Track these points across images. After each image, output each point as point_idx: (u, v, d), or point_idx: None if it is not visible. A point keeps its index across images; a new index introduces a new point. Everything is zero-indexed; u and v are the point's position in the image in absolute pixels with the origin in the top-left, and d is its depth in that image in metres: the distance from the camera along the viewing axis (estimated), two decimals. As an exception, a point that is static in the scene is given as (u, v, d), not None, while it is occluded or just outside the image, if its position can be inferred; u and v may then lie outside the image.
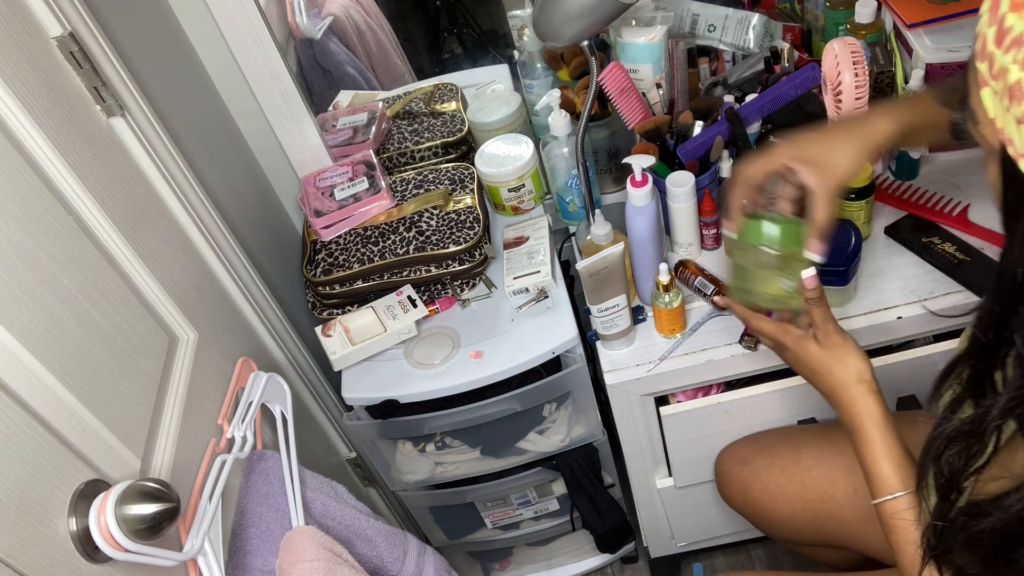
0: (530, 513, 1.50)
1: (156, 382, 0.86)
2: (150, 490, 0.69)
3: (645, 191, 1.05)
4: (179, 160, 1.02)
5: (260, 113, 1.30)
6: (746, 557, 1.63)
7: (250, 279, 1.16)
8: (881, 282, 1.12)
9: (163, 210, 1.00)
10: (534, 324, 1.22)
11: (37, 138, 0.77)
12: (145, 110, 0.97)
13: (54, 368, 0.69)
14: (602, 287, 1.07)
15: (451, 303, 1.28)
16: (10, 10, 0.79)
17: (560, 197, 1.32)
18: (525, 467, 1.36)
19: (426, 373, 1.20)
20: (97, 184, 0.85)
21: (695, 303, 1.18)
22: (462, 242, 1.23)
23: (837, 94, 1.07)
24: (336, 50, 1.48)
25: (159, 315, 0.92)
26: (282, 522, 0.96)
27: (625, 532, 1.49)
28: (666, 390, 1.16)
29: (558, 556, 1.65)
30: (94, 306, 0.78)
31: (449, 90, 1.52)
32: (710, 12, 1.29)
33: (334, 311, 1.28)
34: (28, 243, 0.71)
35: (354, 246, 1.28)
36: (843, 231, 1.08)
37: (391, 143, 1.45)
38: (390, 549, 1.09)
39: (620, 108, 1.21)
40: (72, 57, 0.87)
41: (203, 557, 0.81)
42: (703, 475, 1.26)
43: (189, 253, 1.04)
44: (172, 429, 0.85)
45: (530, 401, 1.23)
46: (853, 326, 1.09)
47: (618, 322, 1.11)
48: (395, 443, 1.34)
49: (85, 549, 0.66)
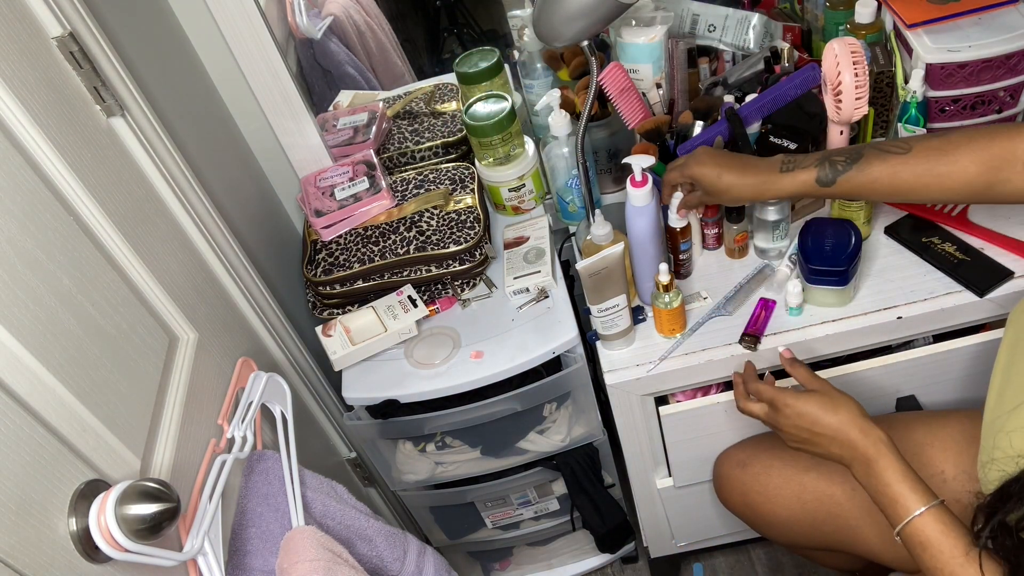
0: (530, 513, 1.50)
1: (156, 382, 0.86)
2: (150, 490, 0.69)
3: (645, 191, 1.05)
4: (179, 160, 1.02)
5: (260, 113, 1.30)
6: (746, 557, 1.63)
7: (250, 279, 1.16)
8: (881, 282, 1.12)
9: (163, 210, 1.00)
10: (534, 324, 1.22)
11: (37, 138, 0.77)
12: (145, 110, 0.97)
13: (54, 368, 0.69)
14: (602, 287, 1.07)
15: (451, 303, 1.28)
16: (10, 10, 0.79)
17: (560, 197, 1.32)
18: (525, 467, 1.36)
19: (426, 373, 1.20)
20: (97, 184, 0.85)
21: (695, 303, 1.18)
22: (462, 242, 1.23)
23: (837, 94, 1.07)
24: (336, 50, 1.48)
25: (159, 315, 0.92)
26: (282, 522, 0.96)
27: (625, 532, 1.49)
28: (666, 390, 1.16)
29: (558, 556, 1.65)
30: (94, 306, 0.78)
31: (449, 90, 1.52)
32: (710, 12, 1.29)
33: (334, 311, 1.28)
34: (28, 243, 0.71)
35: (354, 246, 1.28)
36: (843, 231, 1.08)
37: (391, 143, 1.45)
38: (390, 549, 1.09)
39: (620, 108, 1.21)
40: (72, 57, 0.87)
41: (203, 557, 0.81)
42: (703, 475, 1.26)
43: (189, 253, 1.04)
44: (172, 429, 0.85)
45: (530, 401, 1.23)
46: (853, 326, 1.09)
47: (618, 322, 1.11)
48: (395, 443, 1.34)
49: (85, 549, 0.66)
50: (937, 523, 0.78)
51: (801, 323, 1.11)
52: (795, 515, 1.10)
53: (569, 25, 1.00)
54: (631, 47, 1.24)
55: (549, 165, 1.27)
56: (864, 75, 1.04)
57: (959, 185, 0.91)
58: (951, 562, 0.76)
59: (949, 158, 0.91)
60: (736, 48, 1.29)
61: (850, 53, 1.04)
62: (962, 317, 1.09)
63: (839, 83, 1.05)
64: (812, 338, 1.09)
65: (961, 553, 0.75)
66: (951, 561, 0.76)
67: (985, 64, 1.11)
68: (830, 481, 1.07)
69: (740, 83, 1.26)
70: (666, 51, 1.23)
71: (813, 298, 1.12)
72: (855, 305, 1.11)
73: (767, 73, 1.24)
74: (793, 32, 1.33)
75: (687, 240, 1.16)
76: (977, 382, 1.15)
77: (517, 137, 1.30)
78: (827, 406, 0.89)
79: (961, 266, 1.09)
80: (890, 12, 1.21)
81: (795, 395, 0.92)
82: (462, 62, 1.37)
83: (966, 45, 1.11)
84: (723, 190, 1.03)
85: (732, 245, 1.20)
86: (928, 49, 1.13)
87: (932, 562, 0.78)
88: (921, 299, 1.09)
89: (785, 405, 0.92)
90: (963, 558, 0.75)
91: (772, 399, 0.94)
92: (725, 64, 1.33)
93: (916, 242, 1.14)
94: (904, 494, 0.81)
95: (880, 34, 1.23)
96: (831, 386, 0.92)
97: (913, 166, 0.92)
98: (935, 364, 1.12)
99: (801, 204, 1.22)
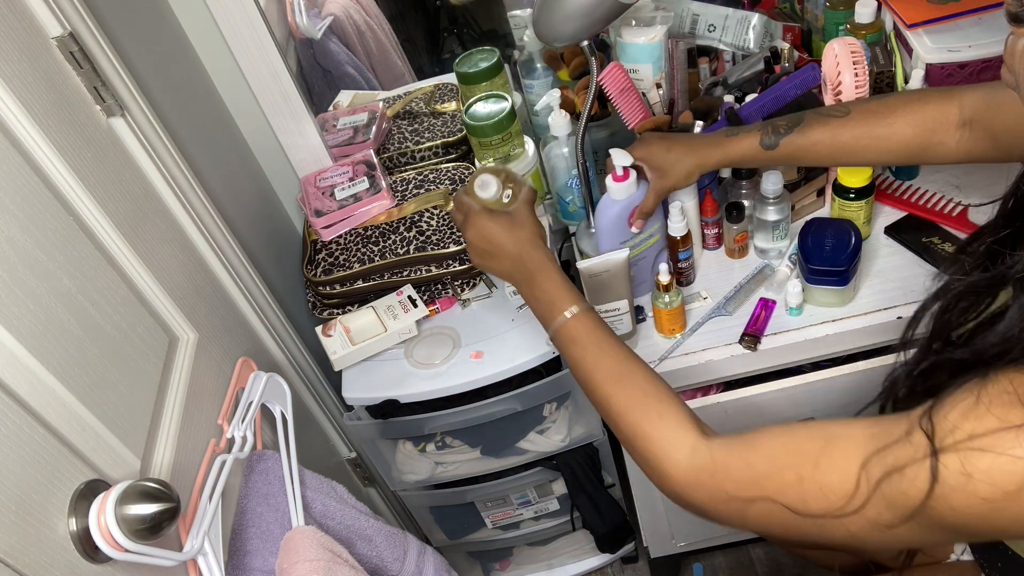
0: (530, 513, 1.50)
1: (156, 382, 0.86)
2: (150, 490, 0.69)
3: (623, 186, 1.07)
4: (179, 160, 1.02)
5: (260, 113, 1.30)
6: (746, 557, 1.63)
7: (250, 279, 1.16)
8: (881, 282, 1.12)
9: (163, 210, 1.00)
10: (534, 324, 1.21)
11: (37, 138, 0.77)
12: (145, 110, 0.97)
13: (54, 368, 0.69)
14: (602, 289, 1.07)
15: (451, 303, 1.28)
16: (10, 10, 0.79)
17: (560, 197, 1.32)
18: (525, 467, 1.36)
19: (426, 373, 1.20)
20: (97, 184, 0.85)
21: (695, 303, 1.18)
22: (462, 242, 1.23)
23: (837, 94, 1.07)
24: (336, 50, 1.48)
25: (159, 315, 0.92)
26: (282, 522, 0.96)
27: (625, 532, 1.49)
28: (666, 390, 1.16)
29: (558, 556, 1.65)
30: (94, 306, 0.78)
31: (449, 90, 1.52)
32: (710, 12, 1.29)
33: (334, 311, 1.28)
34: (28, 243, 0.71)
35: (354, 246, 1.28)
36: (843, 231, 1.08)
37: (391, 143, 1.45)
38: (390, 549, 1.09)
39: (620, 108, 1.21)
40: (72, 57, 0.87)
41: (203, 557, 0.81)
42: (703, 475, 1.26)
43: (189, 253, 1.04)
44: (172, 429, 0.85)
45: (530, 401, 1.23)
46: (853, 326, 1.09)
47: (618, 326, 1.11)
48: (395, 443, 1.34)
49: (85, 549, 0.66)
50: (588, 321, 0.81)
51: (801, 323, 1.11)
52: None
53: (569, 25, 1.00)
54: (631, 47, 1.24)
55: (549, 165, 1.27)
56: (864, 75, 1.04)
57: (896, 146, 0.94)
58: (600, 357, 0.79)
59: (886, 121, 0.93)
60: (736, 48, 1.29)
61: (850, 53, 1.04)
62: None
63: (839, 83, 1.05)
64: (812, 338, 1.09)
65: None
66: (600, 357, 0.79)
67: (985, 64, 1.11)
68: None
69: (740, 83, 1.26)
70: (666, 51, 1.23)
71: (813, 298, 1.12)
72: (855, 305, 1.11)
73: (767, 73, 1.24)
74: (793, 32, 1.33)
75: (687, 249, 1.16)
76: (977, 382, 1.15)
77: (517, 137, 1.30)
78: (507, 226, 0.89)
79: (961, 266, 1.09)
80: (890, 12, 1.21)
81: (487, 214, 0.91)
82: (462, 62, 1.37)
83: (966, 45, 1.11)
84: (671, 163, 1.04)
85: (732, 245, 1.20)
86: (928, 49, 1.13)
87: (580, 353, 0.80)
88: (921, 299, 1.08)
89: (476, 220, 0.91)
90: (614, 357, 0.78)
91: (467, 211, 0.93)
92: (725, 64, 1.33)
93: (916, 242, 1.14)
94: (562, 297, 0.83)
95: (880, 34, 1.23)
96: (530, 210, 0.91)
97: (851, 128, 0.95)
98: (935, 364, 1.12)
99: (801, 204, 1.22)
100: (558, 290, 0.84)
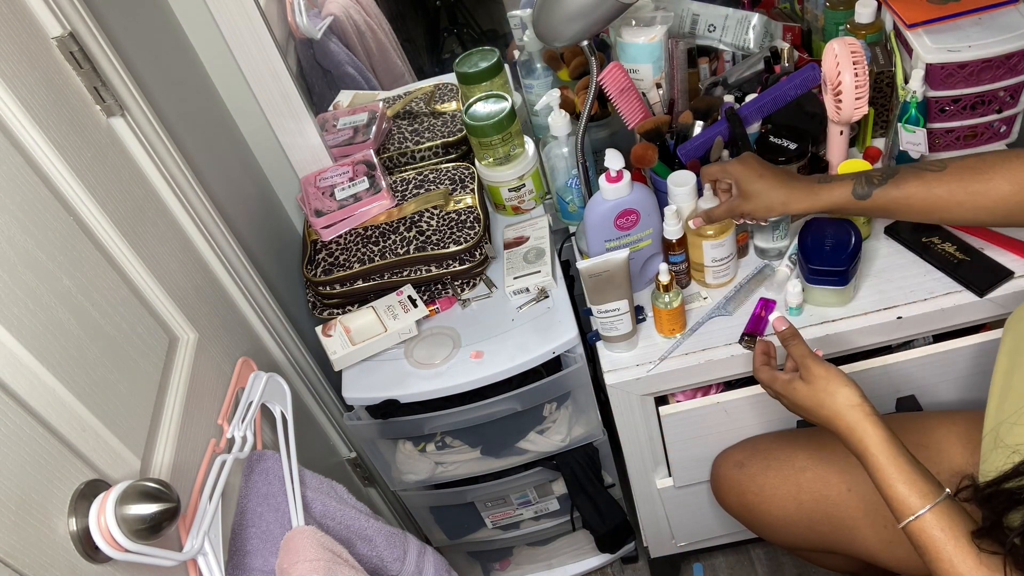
0: (530, 513, 1.50)
1: (156, 382, 0.86)
2: (150, 490, 0.69)
3: (616, 187, 1.07)
4: (179, 160, 1.02)
5: (260, 113, 1.30)
6: (746, 557, 1.63)
7: (250, 279, 1.16)
8: (881, 282, 1.12)
9: (163, 210, 1.00)
10: (534, 324, 1.22)
11: (37, 138, 0.77)
12: (145, 110, 0.97)
13: (54, 368, 0.69)
14: (603, 289, 1.07)
15: (451, 303, 1.28)
16: (10, 10, 0.79)
17: (560, 197, 1.32)
18: (525, 467, 1.36)
19: (426, 373, 1.20)
20: (97, 184, 0.85)
21: (695, 303, 1.18)
22: (462, 242, 1.23)
23: (837, 94, 1.07)
24: (336, 50, 1.48)
25: (159, 315, 0.92)
26: (282, 522, 0.96)
27: (625, 532, 1.49)
28: (666, 390, 1.16)
29: (558, 556, 1.65)
30: (94, 306, 0.78)
31: (449, 90, 1.52)
32: (710, 12, 1.29)
33: (334, 311, 1.28)
34: (28, 243, 0.71)
35: (354, 246, 1.28)
36: (843, 231, 1.08)
37: (391, 143, 1.45)
38: (390, 549, 1.09)
39: (620, 108, 1.21)
40: (72, 57, 0.87)
41: (203, 557, 0.81)
42: (703, 475, 1.26)
43: (189, 253, 1.04)
44: (172, 429, 0.85)
45: (530, 401, 1.23)
46: (853, 326, 1.09)
47: (618, 326, 1.11)
48: (395, 443, 1.34)
49: (85, 549, 0.66)
50: (936, 525, 0.78)
51: (801, 323, 1.11)
52: (791, 515, 1.10)
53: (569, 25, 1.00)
54: (631, 47, 1.24)
55: (549, 165, 1.27)
56: (864, 75, 1.04)
57: (992, 204, 0.92)
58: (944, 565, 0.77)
59: (983, 176, 0.91)
60: (736, 48, 1.29)
61: (850, 53, 1.04)
62: (962, 317, 1.09)
63: (839, 83, 1.05)
64: (812, 338, 1.09)
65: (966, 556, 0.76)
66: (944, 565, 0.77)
67: (985, 64, 1.11)
68: (826, 482, 1.07)
69: (740, 83, 1.26)
70: (666, 51, 1.23)
71: (813, 298, 1.12)
72: (855, 305, 1.11)
73: (767, 73, 1.24)
74: (793, 32, 1.33)
75: (679, 253, 1.15)
76: (977, 382, 1.15)
77: (517, 137, 1.30)
78: (813, 400, 0.89)
79: (961, 266, 1.10)
80: (890, 12, 1.21)
81: (784, 384, 0.92)
82: (462, 62, 1.37)
83: (966, 45, 1.11)
84: (758, 192, 1.02)
85: (732, 245, 1.20)
86: (928, 49, 1.13)
87: (932, 564, 0.78)
88: (921, 299, 1.09)
89: (780, 396, 0.93)
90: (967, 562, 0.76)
91: (771, 386, 0.95)
92: (725, 64, 1.33)
93: (916, 242, 1.14)
94: (896, 497, 0.81)
95: (880, 34, 1.23)
96: (820, 370, 0.89)
97: (947, 183, 0.93)
98: (935, 364, 1.12)
99: None
100: (896, 483, 0.81)
